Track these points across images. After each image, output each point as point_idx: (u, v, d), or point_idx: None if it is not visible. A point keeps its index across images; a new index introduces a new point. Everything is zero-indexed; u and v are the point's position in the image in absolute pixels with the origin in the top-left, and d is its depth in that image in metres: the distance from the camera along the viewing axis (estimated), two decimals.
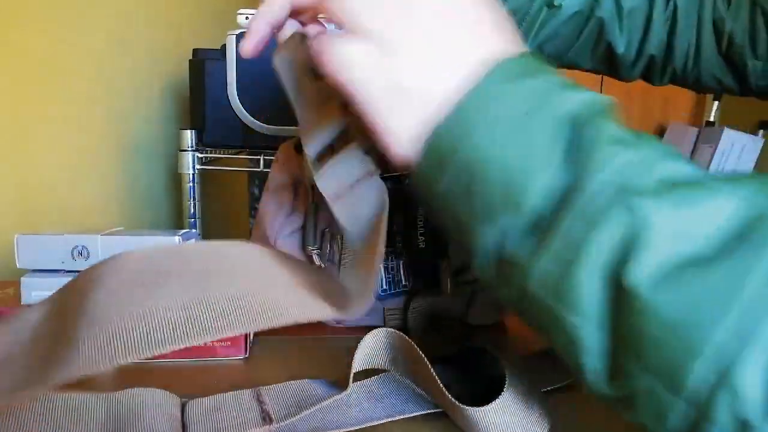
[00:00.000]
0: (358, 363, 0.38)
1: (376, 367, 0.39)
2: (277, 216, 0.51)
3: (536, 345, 0.45)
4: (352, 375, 0.37)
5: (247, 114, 0.82)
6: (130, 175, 0.93)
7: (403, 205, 0.49)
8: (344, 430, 0.35)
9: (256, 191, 1.99)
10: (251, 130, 0.80)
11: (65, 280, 0.44)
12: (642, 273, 0.23)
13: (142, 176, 0.97)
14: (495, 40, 0.29)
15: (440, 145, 0.28)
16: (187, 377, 0.44)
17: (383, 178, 0.46)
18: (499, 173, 0.26)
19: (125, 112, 0.92)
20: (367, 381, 0.40)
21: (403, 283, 0.50)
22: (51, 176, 0.73)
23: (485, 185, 0.27)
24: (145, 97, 0.99)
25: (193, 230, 0.53)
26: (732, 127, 1.89)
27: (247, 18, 0.85)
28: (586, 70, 0.68)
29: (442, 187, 0.28)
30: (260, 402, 0.37)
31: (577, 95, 0.27)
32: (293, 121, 0.67)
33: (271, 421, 0.34)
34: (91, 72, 0.81)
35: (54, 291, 0.44)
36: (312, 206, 0.50)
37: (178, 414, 0.36)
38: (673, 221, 0.23)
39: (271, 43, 0.62)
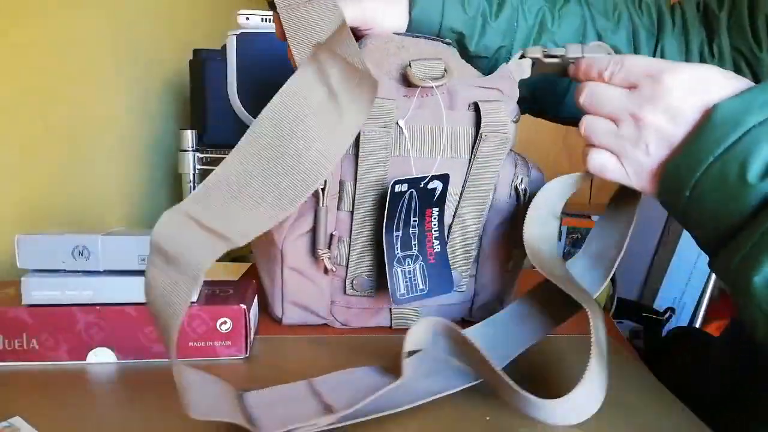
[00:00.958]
0: (409, 346, 0.39)
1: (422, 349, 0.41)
2: (284, 220, 0.50)
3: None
4: (404, 362, 0.38)
5: (247, 114, 0.82)
6: (130, 175, 0.93)
7: (418, 208, 0.49)
8: (399, 408, 0.38)
9: None
10: None
11: (65, 280, 0.45)
12: None
13: (142, 176, 0.97)
14: (701, 99, 0.38)
15: (676, 179, 0.39)
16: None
17: (399, 182, 0.46)
18: (720, 202, 0.37)
19: (125, 112, 0.92)
20: (414, 361, 0.42)
21: (420, 287, 0.51)
22: (51, 176, 0.73)
23: (711, 208, 0.37)
24: (145, 97, 0.99)
25: None
26: None
27: (247, 18, 0.85)
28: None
29: (679, 209, 0.39)
30: (316, 393, 0.39)
31: None
32: None
33: (332, 410, 0.36)
34: (91, 72, 0.81)
35: (54, 291, 0.44)
36: (322, 210, 0.49)
37: (239, 403, 0.37)
38: None
39: (269, 44, 0.62)
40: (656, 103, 0.40)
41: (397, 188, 0.47)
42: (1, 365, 0.44)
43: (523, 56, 0.51)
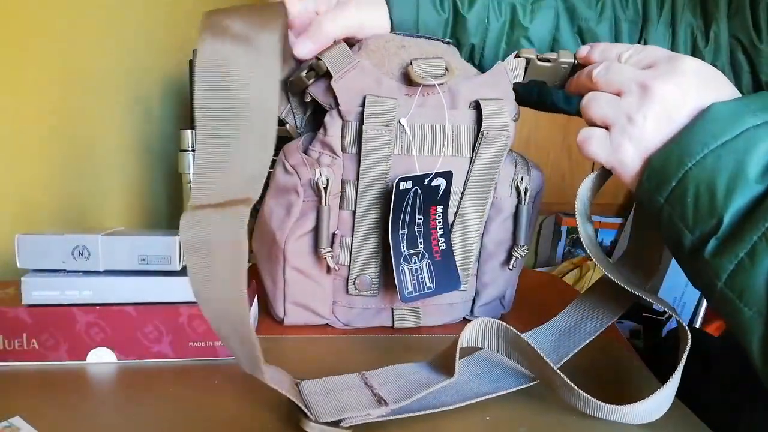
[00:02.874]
0: (463, 343, 0.40)
1: (478, 347, 0.42)
2: (286, 219, 0.50)
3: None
4: (457, 361, 0.39)
5: None
6: (130, 175, 0.93)
7: (422, 206, 0.49)
8: (449, 407, 0.39)
9: None
10: None
11: (65, 280, 0.45)
12: None
13: (142, 176, 0.97)
14: (707, 96, 0.39)
15: (663, 170, 0.39)
16: (188, 377, 0.44)
17: (404, 180, 0.46)
18: (707, 194, 0.37)
19: (125, 111, 0.92)
20: (464, 361, 0.44)
21: (427, 285, 0.51)
22: (51, 176, 0.73)
23: (695, 200, 0.37)
24: (145, 97, 0.99)
25: None
26: None
27: None
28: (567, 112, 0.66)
29: (661, 199, 0.39)
30: (369, 386, 0.40)
31: None
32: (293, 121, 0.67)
33: (386, 403, 0.37)
34: (91, 72, 0.81)
35: (54, 291, 0.44)
36: (325, 209, 0.49)
37: (297, 390, 0.38)
38: None
39: None
40: (670, 77, 0.40)
41: (402, 185, 0.47)
42: (1, 365, 0.44)
43: (517, 56, 0.52)
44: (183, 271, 0.46)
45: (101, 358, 0.45)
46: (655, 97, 0.40)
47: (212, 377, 0.44)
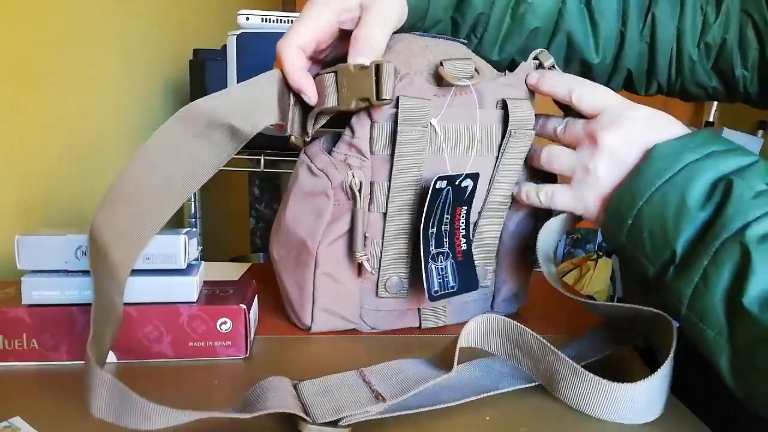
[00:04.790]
0: (464, 341, 0.41)
1: (475, 346, 0.43)
2: (318, 223, 0.49)
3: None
4: (457, 356, 0.40)
5: None
6: None
7: (451, 205, 0.49)
8: (452, 404, 0.39)
9: (256, 191, 1.99)
10: None
11: (65, 280, 0.45)
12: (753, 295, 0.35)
13: None
14: (651, 138, 0.43)
15: (619, 211, 0.43)
16: (187, 377, 0.44)
17: (441, 179, 0.47)
18: (659, 228, 0.40)
19: (126, 111, 0.92)
20: (464, 363, 0.44)
21: (451, 284, 0.51)
22: (51, 176, 0.73)
23: (650, 235, 0.41)
24: (145, 97, 0.99)
25: (194, 229, 0.53)
26: (731, 127, 1.89)
27: (247, 18, 0.85)
28: None
29: (622, 237, 0.43)
30: (367, 382, 0.40)
31: (722, 163, 0.39)
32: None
33: (384, 399, 0.37)
34: (91, 72, 0.81)
35: (54, 291, 0.44)
36: (360, 212, 0.49)
37: (296, 393, 0.38)
38: None
39: (269, 44, 0.61)
40: (615, 127, 0.44)
41: (438, 185, 0.47)
42: (1, 365, 0.44)
43: (536, 58, 0.52)
44: (188, 270, 0.47)
45: None
46: (604, 148, 0.45)
47: (212, 377, 0.44)
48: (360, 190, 0.48)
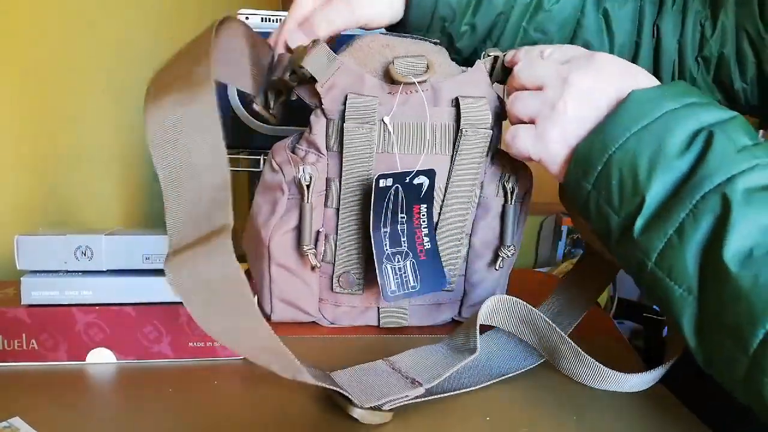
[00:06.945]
0: (482, 320, 0.44)
1: (492, 324, 0.46)
2: (271, 215, 0.50)
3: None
4: (478, 338, 0.42)
5: (247, 114, 0.82)
6: (130, 175, 0.93)
7: (404, 204, 0.49)
8: (480, 385, 0.43)
9: None
10: (251, 130, 0.79)
11: (65, 280, 0.45)
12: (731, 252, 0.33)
13: (142, 176, 0.97)
14: (626, 84, 0.41)
15: (588, 156, 0.40)
16: (187, 377, 0.44)
17: (383, 177, 0.47)
18: (630, 176, 0.38)
19: (126, 111, 0.92)
20: (483, 337, 0.47)
21: (412, 284, 0.51)
22: (50, 176, 0.73)
23: (619, 183, 0.38)
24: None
25: None
26: None
27: (247, 18, 0.85)
28: None
29: (588, 184, 0.40)
30: (396, 370, 0.42)
31: (702, 114, 0.38)
32: (293, 121, 0.67)
33: (420, 384, 0.39)
34: (91, 72, 0.81)
35: (54, 291, 0.44)
36: (307, 206, 0.50)
37: (333, 381, 0.39)
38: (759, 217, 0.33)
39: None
40: (587, 69, 0.42)
41: (382, 183, 0.47)
42: (1, 365, 0.44)
43: (488, 55, 0.52)
44: None
45: (101, 359, 0.45)
46: (574, 86, 0.42)
47: (212, 377, 0.44)
48: (309, 186, 0.49)
